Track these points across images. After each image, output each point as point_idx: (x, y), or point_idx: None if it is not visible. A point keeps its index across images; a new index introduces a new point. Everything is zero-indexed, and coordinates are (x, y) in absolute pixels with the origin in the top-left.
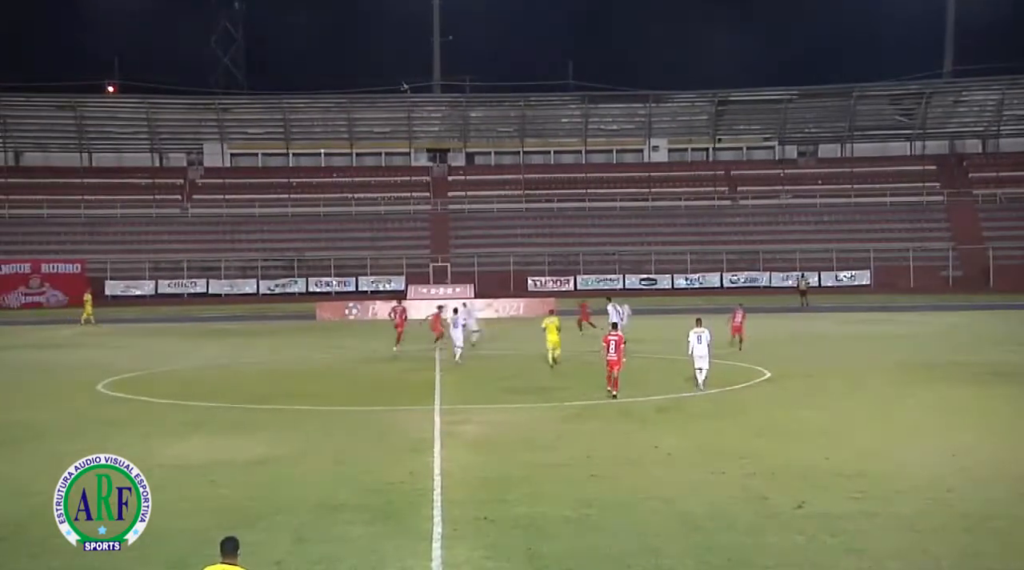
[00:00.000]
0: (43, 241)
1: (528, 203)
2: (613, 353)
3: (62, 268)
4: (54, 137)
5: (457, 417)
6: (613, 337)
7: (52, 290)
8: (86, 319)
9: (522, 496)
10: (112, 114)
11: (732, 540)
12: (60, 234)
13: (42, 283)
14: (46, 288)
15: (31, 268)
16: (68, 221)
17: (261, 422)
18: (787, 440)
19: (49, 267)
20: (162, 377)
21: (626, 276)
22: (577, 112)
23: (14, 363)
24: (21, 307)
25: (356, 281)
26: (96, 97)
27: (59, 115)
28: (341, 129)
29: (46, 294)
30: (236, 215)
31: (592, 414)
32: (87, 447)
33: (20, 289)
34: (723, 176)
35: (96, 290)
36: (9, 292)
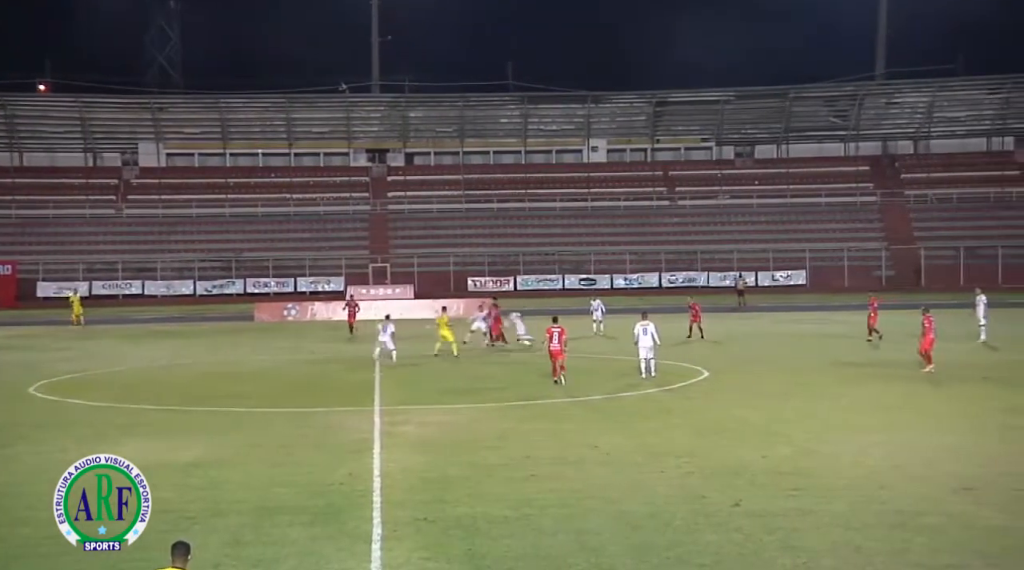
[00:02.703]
0: None
1: (468, 203)
2: (556, 343)
3: None
4: None
5: (397, 418)
6: (556, 329)
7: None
8: (76, 319)
9: (462, 496)
10: (44, 113)
11: (670, 538)
12: None
13: None
14: None
15: None
16: None
17: (198, 424)
18: (724, 439)
19: None
20: (97, 379)
21: (566, 276)
22: (516, 112)
23: None
24: None
25: (295, 282)
26: (27, 96)
27: None
28: (279, 129)
29: None
30: (172, 215)
31: (532, 414)
32: (16, 452)
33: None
34: (661, 176)
35: (28, 292)
36: None
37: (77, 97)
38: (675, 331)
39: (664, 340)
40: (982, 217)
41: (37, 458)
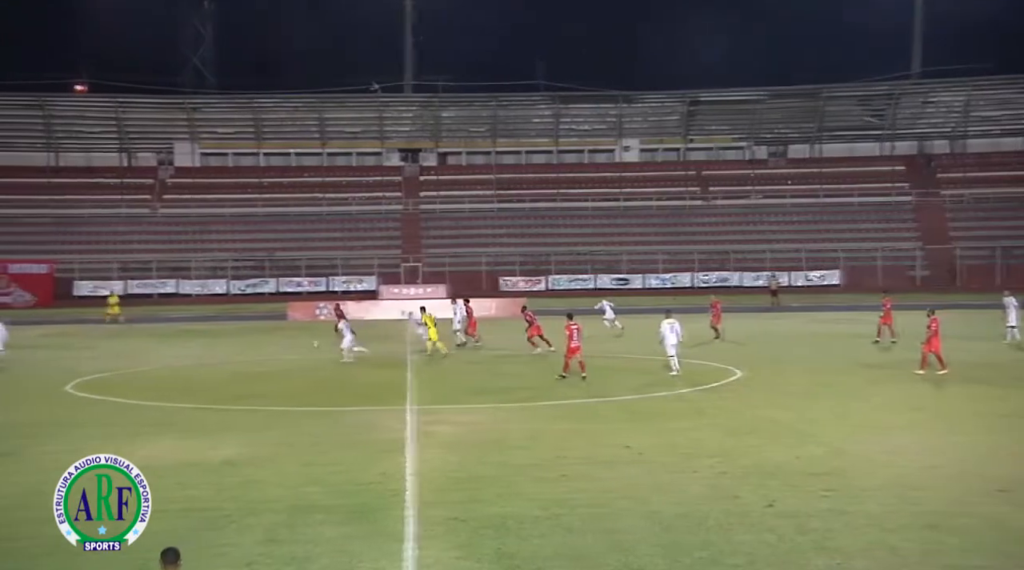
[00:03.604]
0: (11, 241)
1: (500, 203)
2: (576, 340)
3: (30, 269)
4: (22, 136)
5: (430, 418)
6: (574, 326)
7: (20, 291)
8: (111, 318)
9: (493, 496)
10: (81, 113)
11: (702, 539)
12: (28, 234)
13: (9, 283)
14: (13, 288)
15: None
16: (36, 221)
17: (232, 422)
18: (757, 439)
19: (17, 268)
20: (131, 378)
21: (598, 276)
22: (548, 112)
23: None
24: None
25: (327, 281)
26: (64, 96)
27: (27, 114)
28: (312, 129)
29: (13, 295)
30: (206, 215)
31: (563, 414)
32: (54, 449)
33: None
34: (694, 176)
35: (65, 290)
36: None
37: (113, 97)
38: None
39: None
40: (1019, 217)
41: (73, 456)
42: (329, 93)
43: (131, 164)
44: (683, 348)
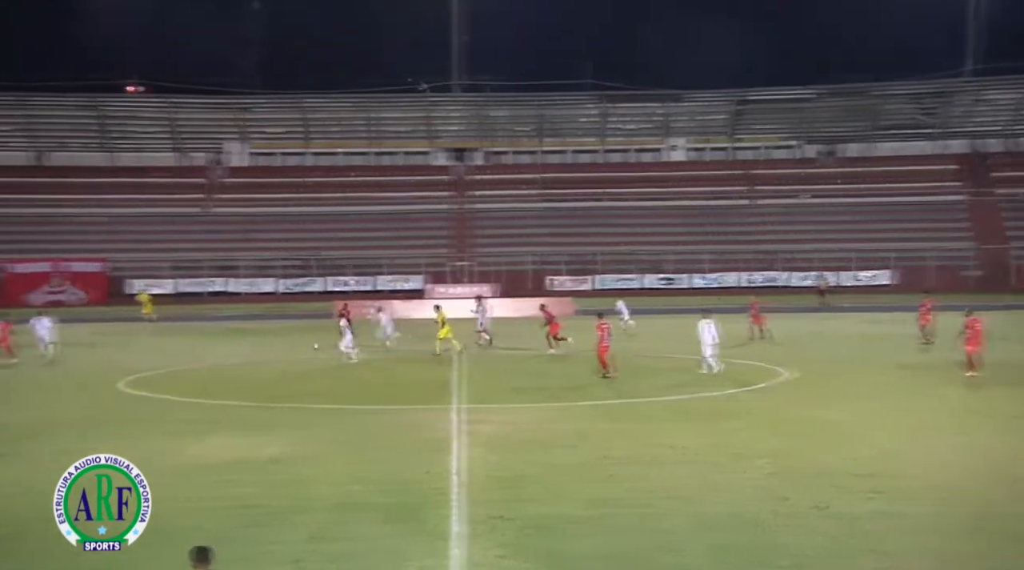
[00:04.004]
0: (65, 240)
1: (546, 202)
2: (607, 340)
3: (84, 267)
4: (77, 136)
5: (474, 416)
6: (605, 325)
7: (74, 288)
8: (147, 315)
9: (539, 495)
10: (134, 113)
11: (750, 539)
12: (82, 233)
13: (63, 281)
14: (67, 287)
15: (53, 267)
16: (90, 220)
17: (278, 421)
18: (806, 440)
19: (71, 266)
20: (181, 376)
21: (644, 276)
22: (595, 111)
23: (35, 361)
24: (43, 305)
25: (374, 280)
26: (118, 96)
27: (82, 115)
28: (360, 128)
29: (67, 292)
30: (255, 214)
31: (610, 414)
32: (106, 446)
33: (42, 288)
34: (741, 175)
35: (118, 288)
36: (32, 291)
37: (166, 98)
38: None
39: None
40: None
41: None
42: (377, 93)
43: (182, 164)
44: (727, 348)
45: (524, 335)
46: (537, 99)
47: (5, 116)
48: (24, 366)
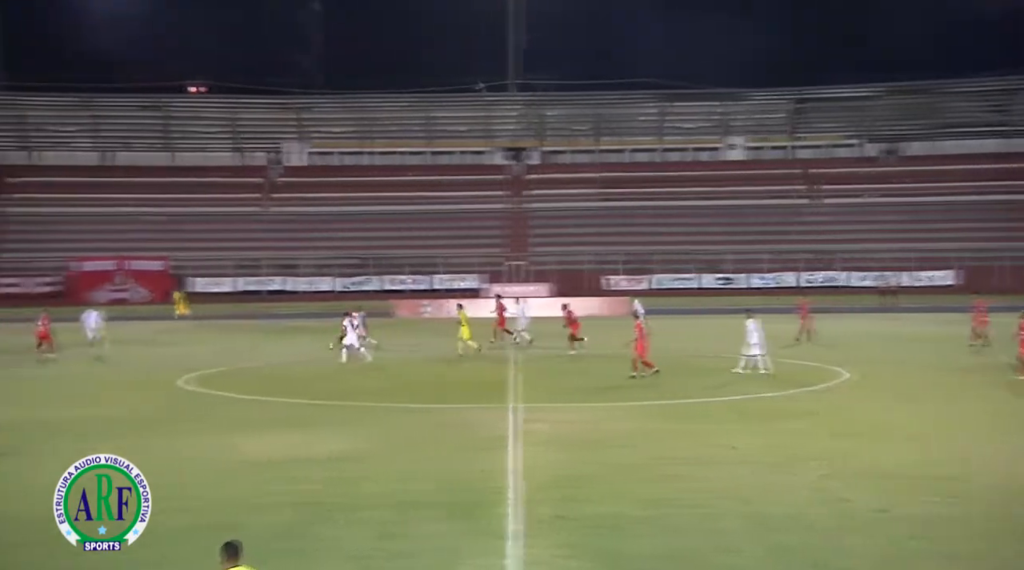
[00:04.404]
0: (128, 239)
1: (604, 202)
2: (645, 339)
3: (146, 265)
4: (141, 136)
5: (532, 415)
6: (642, 325)
7: (137, 287)
8: (180, 315)
9: (598, 495)
10: (196, 114)
11: (810, 542)
12: (144, 232)
13: (126, 280)
14: (131, 285)
15: (117, 265)
16: (152, 219)
17: (339, 418)
18: (868, 442)
19: (134, 264)
20: (240, 373)
21: (701, 275)
22: (653, 110)
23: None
24: (107, 304)
25: (431, 279)
26: (180, 97)
27: (146, 115)
28: (419, 128)
29: (130, 291)
30: (314, 214)
31: (668, 414)
32: (166, 444)
33: (106, 286)
34: (801, 174)
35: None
36: (95, 288)
37: (227, 98)
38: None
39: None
40: None
41: (184, 450)
42: (435, 92)
43: (242, 163)
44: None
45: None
46: (594, 98)
47: (72, 117)
48: (80, 362)
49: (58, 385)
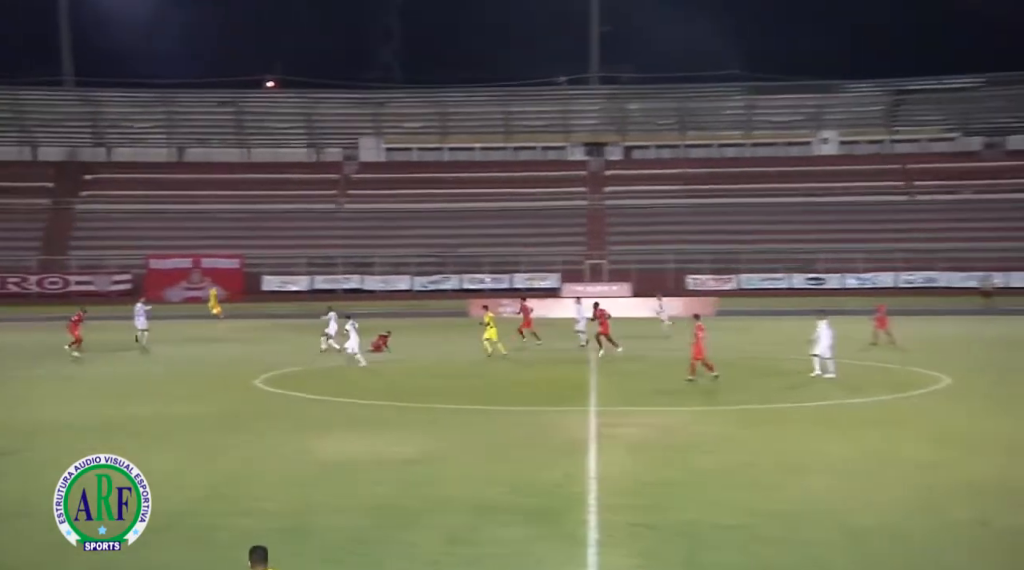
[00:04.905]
0: (203, 236)
1: (689, 198)
2: (703, 341)
3: (221, 263)
4: (215, 132)
5: (613, 419)
6: (703, 326)
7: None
8: (217, 314)
9: (680, 502)
10: (271, 109)
11: (904, 555)
12: (219, 229)
13: (202, 278)
14: (206, 283)
15: (192, 263)
16: (227, 216)
17: (412, 420)
18: (968, 451)
19: (209, 262)
20: (317, 374)
21: (791, 275)
22: (741, 103)
23: (174, 357)
24: (182, 302)
25: (510, 278)
26: (255, 92)
27: (220, 110)
28: (497, 123)
29: (205, 289)
30: (390, 210)
31: (753, 419)
32: (244, 444)
33: (181, 284)
34: (898, 170)
35: (254, 285)
36: (171, 286)
37: (302, 93)
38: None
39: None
40: None
41: (261, 450)
42: (514, 86)
43: (317, 159)
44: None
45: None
46: (679, 91)
47: (147, 113)
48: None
49: (136, 383)
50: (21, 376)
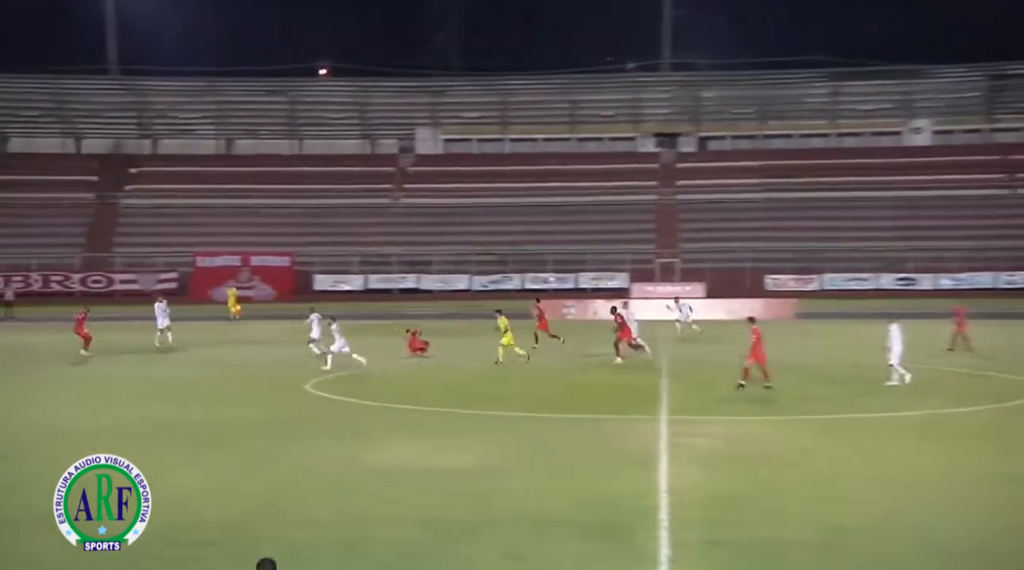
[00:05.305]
0: (252, 233)
1: (767, 193)
2: (762, 344)
3: (271, 261)
4: (265, 123)
5: (686, 428)
6: (759, 329)
7: (261, 284)
8: (236, 315)
9: (758, 518)
10: (323, 99)
11: None
12: (269, 225)
13: (251, 276)
14: (255, 282)
15: (241, 261)
16: (277, 211)
17: (470, 428)
18: None
19: (259, 260)
20: (369, 378)
21: (879, 275)
22: (824, 90)
23: (222, 359)
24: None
25: (575, 278)
26: (307, 81)
27: (271, 101)
28: (561, 113)
29: (255, 288)
30: (448, 206)
31: (837, 429)
32: (296, 450)
33: (230, 283)
34: (999, 161)
35: (305, 284)
36: (218, 286)
37: (356, 82)
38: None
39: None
40: None
41: (311, 458)
42: (580, 74)
43: (372, 152)
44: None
45: None
46: (757, 78)
47: (195, 103)
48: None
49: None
50: (66, 376)
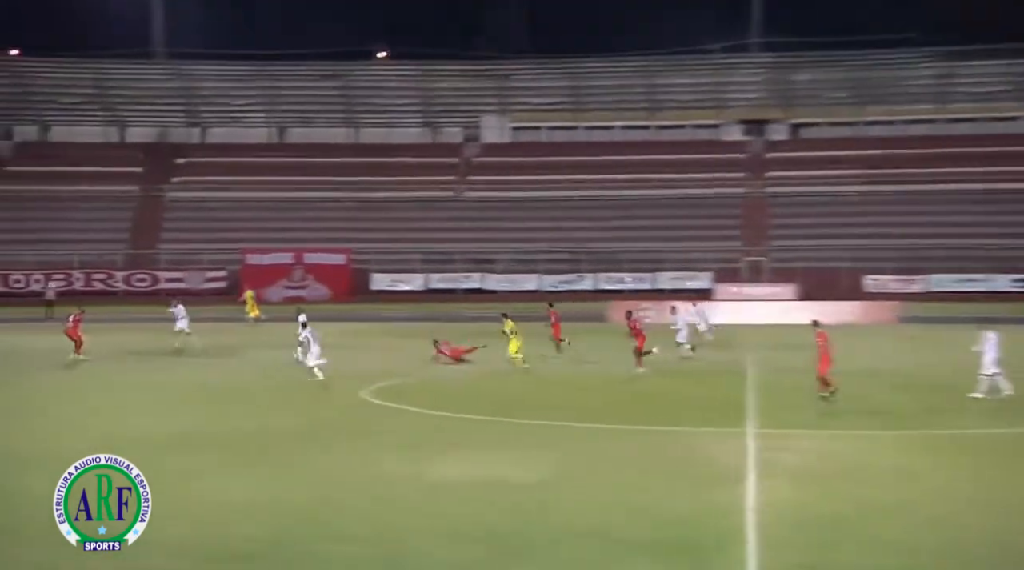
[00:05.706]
0: (306, 228)
1: (867, 185)
2: (830, 350)
3: (326, 259)
4: (320, 110)
5: (774, 443)
6: (825, 334)
7: (315, 283)
8: (255, 317)
9: (852, 540)
10: (381, 83)
11: None
12: (324, 220)
13: (305, 275)
14: (309, 281)
15: (294, 259)
16: (333, 205)
17: (534, 439)
18: None
19: (312, 257)
20: (429, 384)
21: (995, 276)
22: (932, 72)
23: (273, 363)
24: (282, 301)
25: (653, 278)
26: (363, 64)
27: (325, 86)
28: (639, 98)
29: (308, 288)
30: (516, 199)
31: (943, 445)
32: (349, 459)
33: (282, 282)
34: None
35: (361, 283)
36: (270, 285)
37: (416, 65)
38: None
39: None
40: None
41: (364, 468)
42: (659, 55)
43: (434, 141)
44: None
45: None
46: (856, 58)
47: (245, 89)
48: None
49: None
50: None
